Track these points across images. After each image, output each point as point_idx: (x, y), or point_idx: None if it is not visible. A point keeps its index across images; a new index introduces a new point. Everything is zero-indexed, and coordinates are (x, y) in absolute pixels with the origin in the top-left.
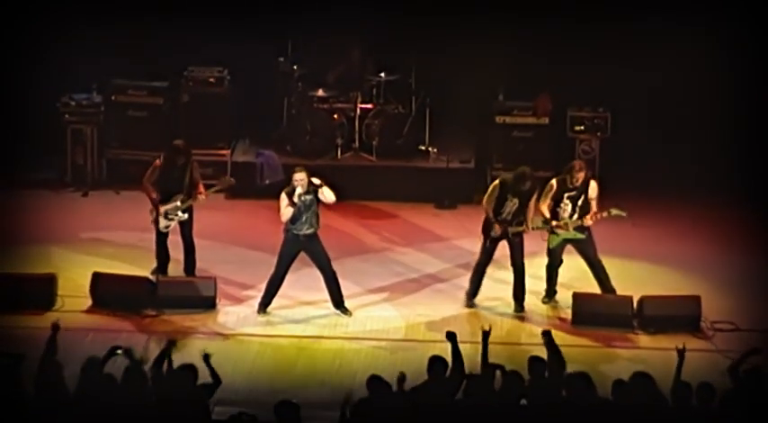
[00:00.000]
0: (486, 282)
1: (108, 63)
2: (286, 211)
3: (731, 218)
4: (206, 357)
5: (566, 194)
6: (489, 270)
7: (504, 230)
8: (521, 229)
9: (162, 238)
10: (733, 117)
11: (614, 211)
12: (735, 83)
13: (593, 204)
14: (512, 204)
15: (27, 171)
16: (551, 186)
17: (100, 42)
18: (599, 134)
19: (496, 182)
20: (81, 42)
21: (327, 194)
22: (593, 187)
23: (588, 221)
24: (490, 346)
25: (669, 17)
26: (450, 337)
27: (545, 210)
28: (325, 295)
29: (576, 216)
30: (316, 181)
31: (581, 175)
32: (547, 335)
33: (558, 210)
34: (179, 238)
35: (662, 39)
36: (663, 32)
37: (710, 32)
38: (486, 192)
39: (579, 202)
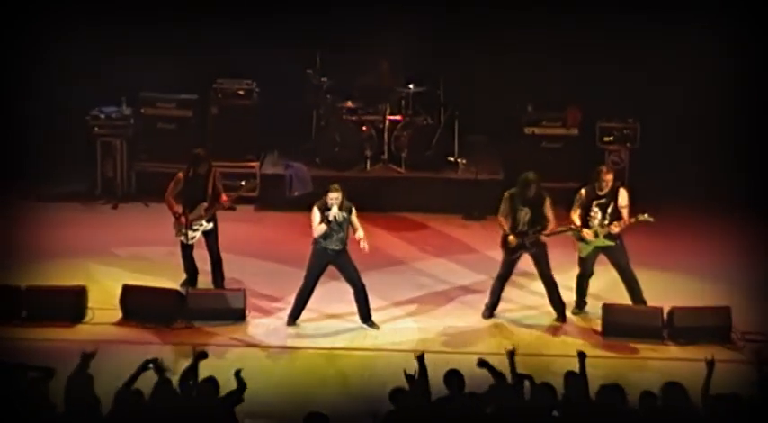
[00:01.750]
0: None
1: (137, 76)
2: (319, 228)
3: (762, 228)
4: (237, 373)
5: (595, 202)
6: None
7: (521, 241)
8: (538, 236)
9: (187, 250)
10: (765, 128)
11: (642, 217)
12: (765, 94)
13: (624, 212)
14: (524, 214)
15: (57, 184)
16: (580, 195)
17: (129, 55)
18: (628, 145)
19: (506, 195)
20: (111, 56)
21: (356, 224)
22: (623, 195)
23: (615, 229)
24: (517, 358)
25: (699, 30)
26: (482, 364)
27: (575, 218)
28: (354, 308)
29: (605, 223)
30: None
31: (608, 178)
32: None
33: (589, 218)
34: (204, 249)
35: (691, 51)
36: (691, 44)
37: (739, 43)
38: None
39: (609, 210)
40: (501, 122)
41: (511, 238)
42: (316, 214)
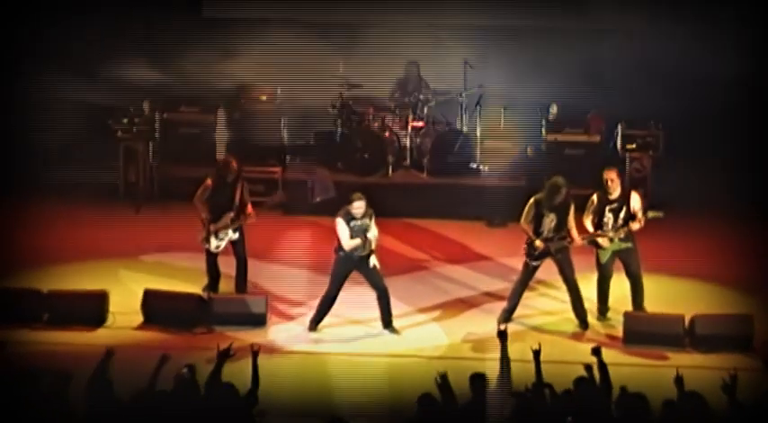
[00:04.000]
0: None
1: (161, 81)
2: (351, 243)
3: None
4: (254, 354)
5: (607, 208)
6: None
7: (546, 248)
8: (564, 243)
9: (212, 257)
10: None
11: (651, 214)
12: None
13: (639, 214)
14: (549, 220)
15: (80, 188)
16: (592, 201)
17: (154, 59)
18: (651, 152)
19: (531, 200)
20: (135, 59)
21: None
22: (636, 199)
23: (634, 227)
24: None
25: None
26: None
27: (589, 224)
28: (376, 313)
29: (619, 227)
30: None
31: (612, 176)
32: (596, 352)
33: (602, 224)
34: (230, 254)
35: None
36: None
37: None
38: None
39: (621, 214)
40: (524, 129)
41: (538, 243)
42: (342, 227)
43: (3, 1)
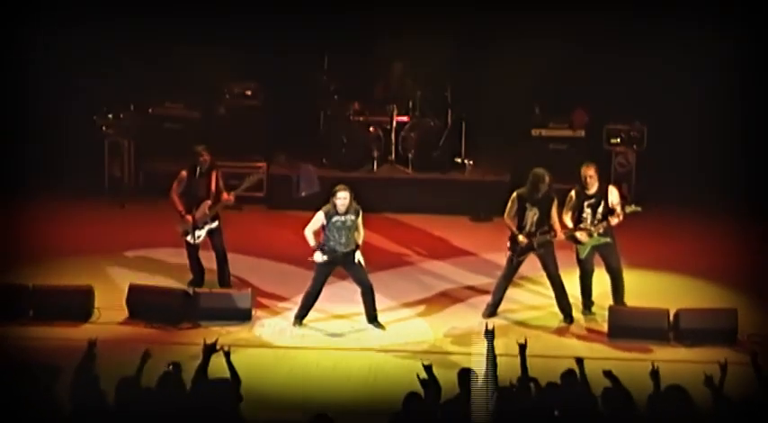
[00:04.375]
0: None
1: (146, 76)
2: (309, 236)
3: None
4: (227, 354)
5: (585, 203)
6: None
7: (530, 243)
8: (547, 237)
9: (193, 250)
10: None
11: (629, 209)
12: None
13: (618, 208)
14: (532, 214)
15: (64, 183)
16: (570, 197)
17: (138, 55)
18: (635, 147)
19: (513, 195)
20: (119, 55)
21: (360, 228)
22: (614, 193)
23: (613, 221)
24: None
25: (707, 32)
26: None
27: (568, 220)
28: (360, 308)
29: (597, 222)
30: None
31: (590, 172)
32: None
33: (581, 219)
34: (210, 249)
35: (699, 51)
36: (699, 46)
37: (748, 44)
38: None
39: (600, 209)
40: (509, 124)
41: (521, 238)
42: (318, 218)
43: None
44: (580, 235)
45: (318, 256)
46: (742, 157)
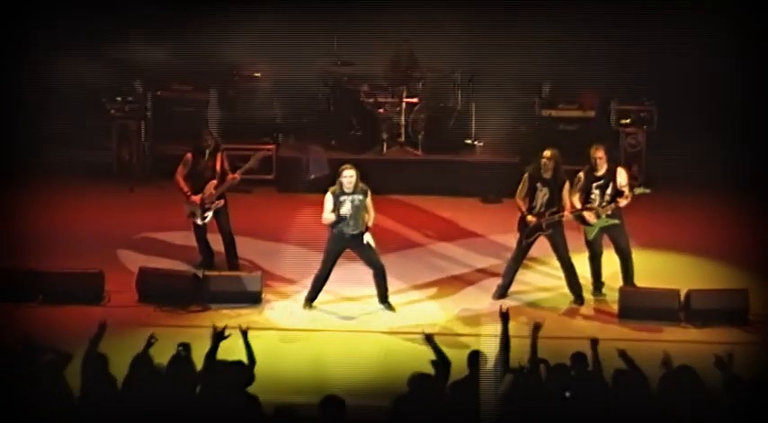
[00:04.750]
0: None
1: (154, 59)
2: (329, 217)
3: None
4: (244, 333)
5: (594, 184)
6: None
7: (538, 223)
8: (555, 218)
9: (201, 232)
10: None
11: (638, 190)
12: None
13: (626, 190)
14: (542, 194)
15: (73, 166)
16: (579, 178)
17: (146, 38)
18: (645, 127)
19: (525, 175)
20: (128, 38)
21: (370, 209)
22: (622, 174)
23: (622, 203)
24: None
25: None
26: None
27: (576, 201)
28: (370, 290)
29: (605, 204)
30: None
31: (599, 154)
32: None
33: (590, 200)
34: (217, 232)
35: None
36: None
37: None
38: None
39: (608, 191)
40: (517, 105)
41: (529, 218)
42: (328, 200)
43: None
44: (588, 216)
45: (329, 215)
46: (752, 137)
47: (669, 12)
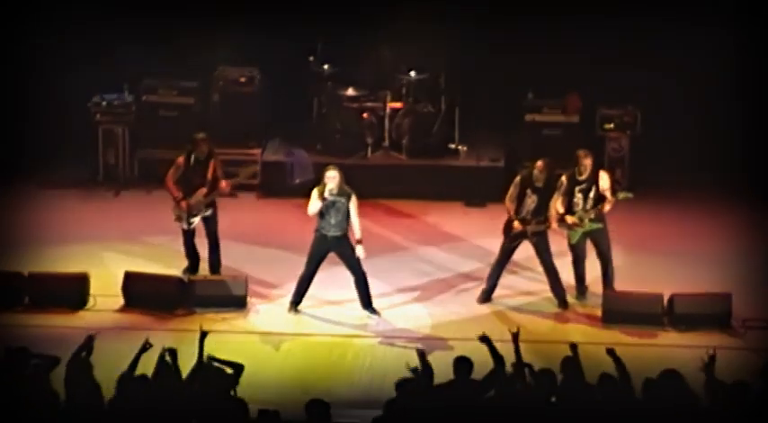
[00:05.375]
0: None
1: (139, 63)
2: (313, 205)
3: (763, 214)
4: (203, 335)
5: (577, 188)
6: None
7: (523, 229)
8: (541, 227)
9: (188, 236)
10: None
11: (621, 195)
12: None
13: (608, 194)
14: (530, 201)
15: (59, 171)
16: (562, 182)
17: (131, 42)
18: (629, 132)
19: (517, 179)
20: (112, 42)
21: (354, 218)
22: (604, 178)
23: (606, 208)
24: (520, 344)
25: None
26: (484, 339)
27: (559, 205)
28: (355, 294)
29: (588, 208)
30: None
31: (587, 162)
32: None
33: (572, 204)
34: (203, 235)
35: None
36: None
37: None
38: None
39: (591, 195)
40: (502, 109)
41: (515, 223)
42: (314, 196)
43: None
44: (571, 220)
45: (313, 206)
46: (735, 141)
47: (654, 16)
